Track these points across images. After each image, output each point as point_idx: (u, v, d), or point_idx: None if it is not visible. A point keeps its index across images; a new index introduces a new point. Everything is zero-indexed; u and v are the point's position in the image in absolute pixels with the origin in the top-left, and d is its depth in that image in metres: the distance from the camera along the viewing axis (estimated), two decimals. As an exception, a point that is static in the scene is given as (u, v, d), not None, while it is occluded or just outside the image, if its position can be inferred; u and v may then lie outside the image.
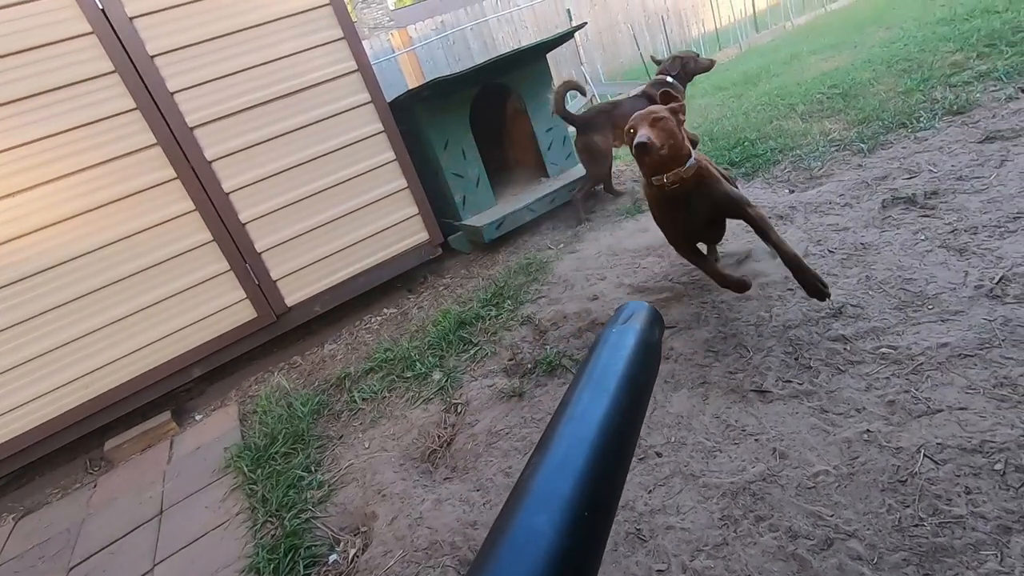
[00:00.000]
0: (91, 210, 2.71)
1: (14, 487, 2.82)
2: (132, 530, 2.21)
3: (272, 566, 1.73)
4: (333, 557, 1.74)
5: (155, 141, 2.79)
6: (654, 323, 1.06)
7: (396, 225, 3.49)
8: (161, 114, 2.79)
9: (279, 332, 3.26)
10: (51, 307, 2.69)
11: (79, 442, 2.91)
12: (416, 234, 3.58)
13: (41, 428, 2.73)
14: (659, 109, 1.92)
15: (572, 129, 3.96)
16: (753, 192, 3.33)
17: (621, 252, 3.19)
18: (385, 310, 3.54)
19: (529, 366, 2.38)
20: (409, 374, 2.62)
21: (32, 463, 2.81)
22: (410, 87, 3.42)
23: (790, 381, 1.76)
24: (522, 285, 3.14)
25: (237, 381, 3.24)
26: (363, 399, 2.56)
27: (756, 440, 1.60)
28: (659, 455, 1.67)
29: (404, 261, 3.57)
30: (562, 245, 3.57)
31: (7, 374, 2.64)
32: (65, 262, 2.69)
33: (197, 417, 3.03)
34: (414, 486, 1.92)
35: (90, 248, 2.73)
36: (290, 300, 3.24)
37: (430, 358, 2.69)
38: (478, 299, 3.11)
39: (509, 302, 2.99)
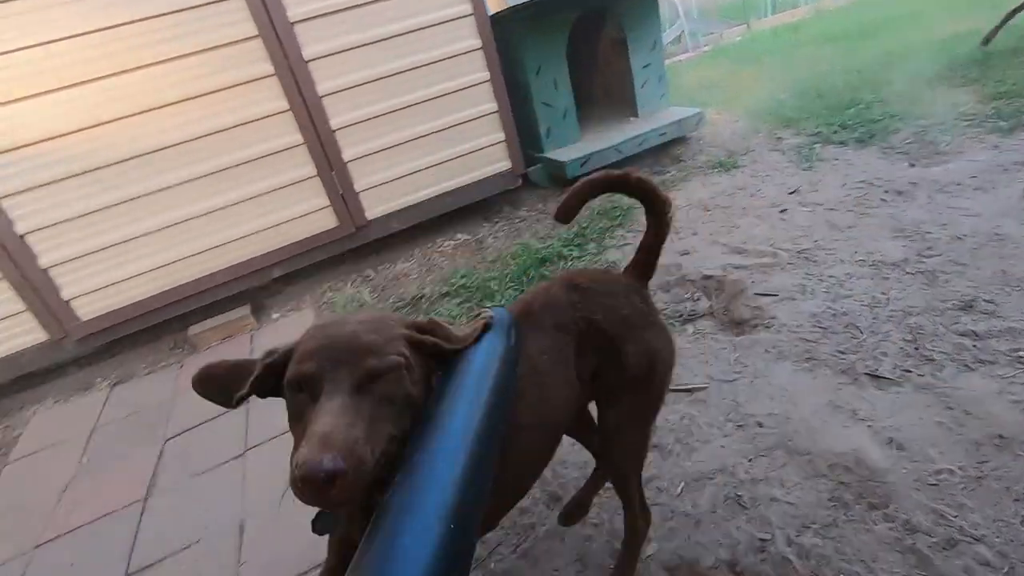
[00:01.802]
0: (191, 98, 2.70)
1: (106, 357, 3.00)
2: (221, 415, 2.33)
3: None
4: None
5: (257, 32, 2.72)
6: (511, 329, 0.97)
7: (481, 150, 3.39)
8: (265, 6, 2.69)
9: (355, 244, 3.28)
10: (146, 192, 2.74)
11: (164, 324, 3.05)
12: (499, 161, 3.48)
13: (133, 307, 2.87)
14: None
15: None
16: (867, 162, 3.09)
17: (714, 208, 3.04)
18: (459, 235, 3.51)
19: (615, 314, 2.34)
20: (488, 304, 2.62)
21: (122, 338, 2.97)
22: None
23: (909, 371, 1.68)
24: (606, 229, 3.05)
25: (311, 287, 3.30)
26: (441, 322, 2.57)
27: (869, 426, 1.54)
28: (760, 425, 1.64)
29: (483, 188, 3.49)
30: (648, 192, 3.42)
31: (102, 253, 2.73)
32: (164, 148, 2.71)
33: (274, 316, 3.13)
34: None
35: (188, 137, 2.74)
36: (370, 213, 3.23)
37: (510, 291, 2.67)
38: (559, 238, 3.04)
39: (593, 245, 2.91)
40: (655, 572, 1.33)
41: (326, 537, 0.94)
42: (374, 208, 3.23)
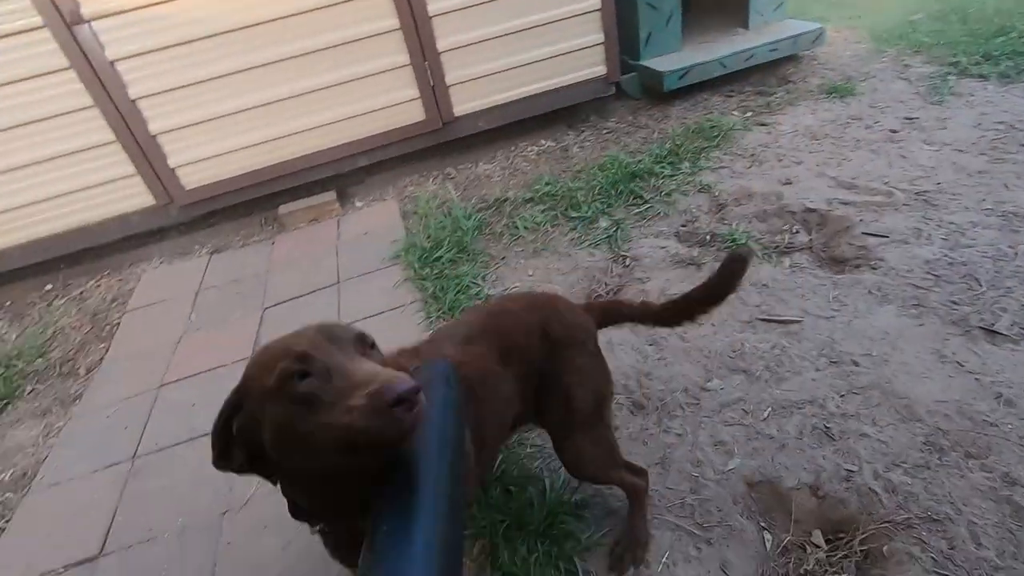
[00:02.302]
0: (293, -31, 2.62)
1: (204, 227, 3.17)
2: (314, 291, 2.47)
3: (451, 357, 1.90)
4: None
5: (362, -99, 2.56)
6: (451, 382, 0.88)
7: (578, 51, 3.21)
8: None
9: (440, 140, 3.24)
10: (248, 67, 2.75)
11: (257, 201, 3.17)
12: (594, 66, 3.29)
13: (231, 180, 2.98)
14: None
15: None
16: (1011, 100, 2.77)
17: (823, 137, 2.83)
18: (543, 141, 3.41)
19: (706, 237, 2.29)
20: (574, 214, 2.59)
21: (219, 210, 3.12)
22: None
23: (1030, 330, 1.60)
24: (701, 149, 2.90)
25: (393, 179, 3.34)
26: (525, 227, 2.58)
27: (977, 379, 1.50)
28: (856, 364, 1.62)
29: (574, 93, 3.34)
30: (750, 113, 3.21)
31: (205, 124, 2.81)
32: (260, 23, 2.68)
33: (358, 204, 3.21)
34: (583, 324, 1.99)
35: (285, 13, 2.69)
36: (458, 109, 3.16)
37: (596, 203, 2.63)
38: (650, 153, 2.92)
39: (686, 164, 2.79)
40: (735, 483, 1.40)
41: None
42: (462, 104, 3.16)
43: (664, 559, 1.27)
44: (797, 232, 2.23)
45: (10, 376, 2.36)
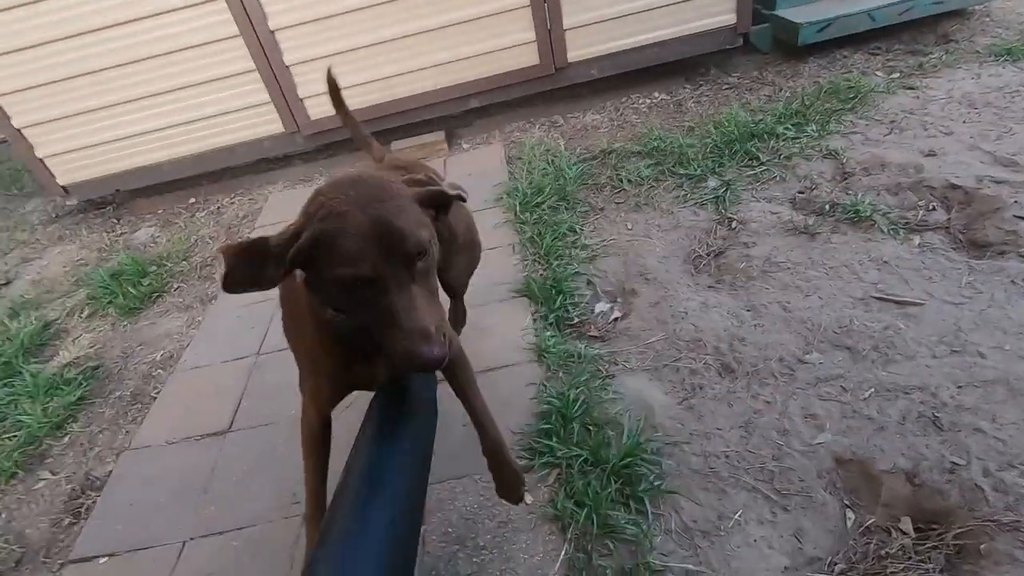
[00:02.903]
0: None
1: (323, 157, 3.39)
2: (418, 225, 2.60)
3: (544, 296, 1.96)
4: (600, 307, 1.92)
5: None
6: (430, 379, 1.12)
7: (706, -3, 3.00)
8: None
9: (551, 87, 3.21)
10: (371, 4, 2.84)
11: (373, 135, 3.33)
12: (723, 14, 3.07)
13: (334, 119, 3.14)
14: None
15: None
16: None
17: (983, 106, 2.49)
18: (656, 94, 3.28)
19: (825, 207, 2.13)
20: (681, 171, 2.50)
21: (338, 142, 3.31)
22: None
23: None
24: (833, 112, 2.66)
25: (501, 124, 3.36)
26: (629, 181, 2.53)
27: None
28: (982, 356, 1.48)
29: (696, 43, 3.14)
30: (897, 75, 2.87)
31: (332, 58, 2.96)
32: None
33: (465, 145, 3.28)
34: (678, 281, 1.96)
35: (415, -52, 2.73)
36: (572, 56, 3.10)
37: (707, 161, 2.52)
38: (774, 112, 2.72)
39: (813, 127, 2.58)
40: (822, 457, 1.36)
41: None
42: (577, 50, 3.09)
43: (737, 517, 1.28)
44: (933, 209, 2.03)
45: (160, 274, 2.72)
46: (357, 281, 0.77)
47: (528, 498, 1.37)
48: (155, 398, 2.03)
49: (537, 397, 1.62)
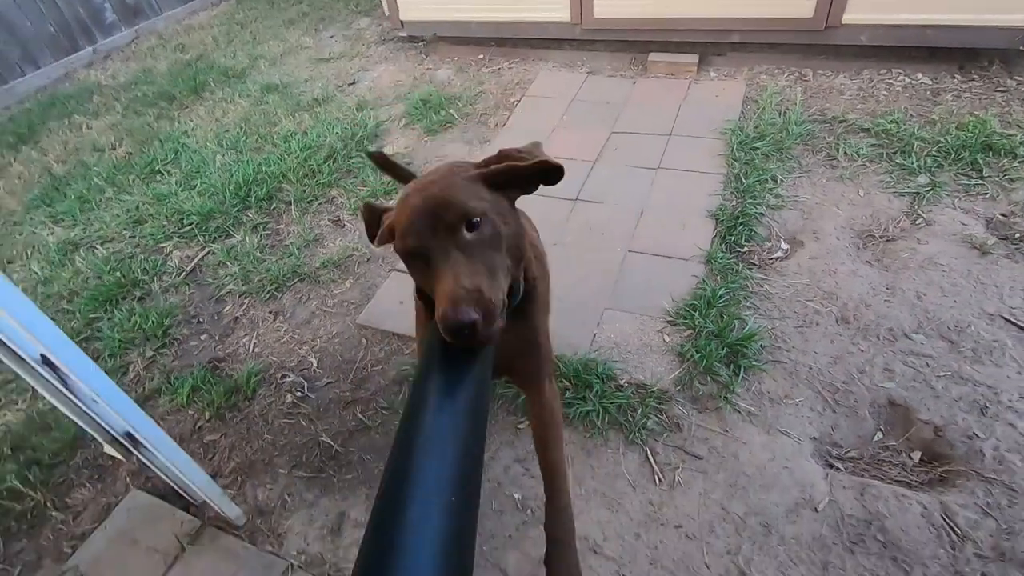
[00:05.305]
0: None
1: (588, 49, 4.01)
2: (650, 133, 3.21)
3: (727, 225, 2.54)
4: (769, 244, 2.46)
5: None
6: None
7: (1024, -11, 2.89)
8: None
9: (814, 41, 3.39)
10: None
11: (632, 44, 3.84)
12: (1030, 12, 2.94)
13: (620, 20, 3.67)
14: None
15: None
16: None
17: None
18: (919, 75, 3.31)
19: (1017, 235, 2.33)
20: (898, 160, 2.75)
21: (602, 40, 3.88)
22: None
23: None
24: (1096, 149, 2.62)
25: (751, 63, 3.65)
26: (845, 153, 2.84)
27: None
28: (1061, 386, 1.83)
29: (987, 36, 3.05)
30: None
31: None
32: None
33: (712, 74, 3.67)
34: (842, 249, 2.41)
35: None
36: (847, 17, 3.22)
37: (927, 158, 2.72)
38: (1031, 132, 2.74)
39: (1066, 157, 2.60)
40: (880, 395, 1.89)
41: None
42: (856, 13, 3.20)
43: (798, 400, 1.91)
44: (1126, 272, 2.16)
45: (452, 112, 3.69)
46: (408, 253, 0.88)
47: (666, 336, 2.13)
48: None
49: (696, 286, 2.30)
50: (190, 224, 3.06)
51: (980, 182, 2.58)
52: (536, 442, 1.24)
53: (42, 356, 1.35)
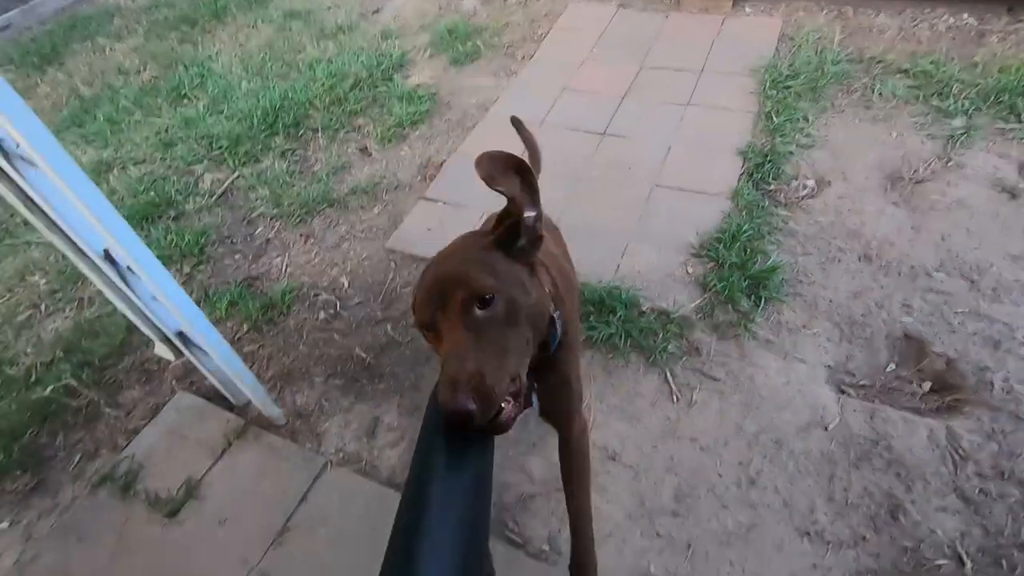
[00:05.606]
0: None
1: (621, -20, 3.88)
2: (679, 69, 3.15)
3: (755, 163, 2.54)
4: (795, 182, 2.46)
5: None
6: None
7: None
8: None
9: (858, -24, 3.26)
10: None
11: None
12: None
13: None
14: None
15: None
16: None
17: None
18: (965, 16, 3.18)
19: (1052, 182, 2.32)
20: (935, 103, 2.69)
21: (639, -30, 3.75)
22: None
23: None
24: None
25: (791, -2, 3.53)
26: (880, 94, 2.79)
27: None
28: (1076, 326, 1.88)
29: (1042, -26, 2.94)
30: None
31: None
32: None
33: (747, 10, 3.55)
34: (870, 189, 2.41)
35: None
36: (896, -50, 3.09)
37: (966, 101, 2.66)
38: (1075, 76, 2.67)
39: (1104, 105, 2.55)
40: (896, 328, 1.94)
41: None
42: (905, -55, 3.07)
43: (815, 331, 1.97)
44: None
45: (478, 43, 3.61)
46: (420, 327, 0.87)
47: (689, 268, 2.18)
48: (471, 128, 3.04)
49: (721, 220, 2.33)
50: (219, 148, 3.09)
51: (1018, 126, 2.54)
52: (564, 484, 1.28)
53: (105, 251, 1.42)
